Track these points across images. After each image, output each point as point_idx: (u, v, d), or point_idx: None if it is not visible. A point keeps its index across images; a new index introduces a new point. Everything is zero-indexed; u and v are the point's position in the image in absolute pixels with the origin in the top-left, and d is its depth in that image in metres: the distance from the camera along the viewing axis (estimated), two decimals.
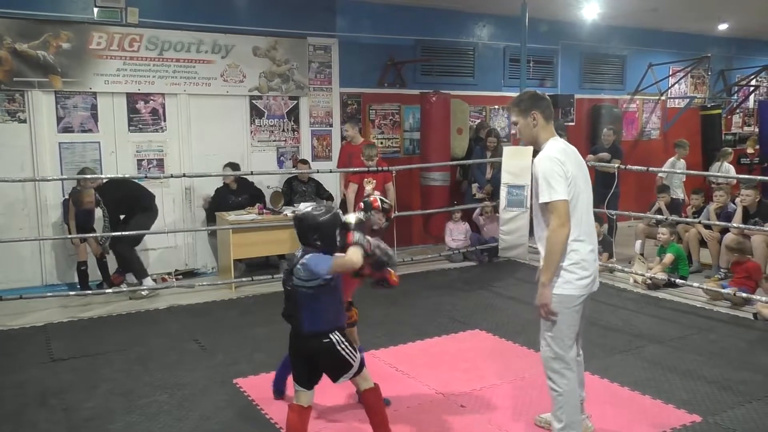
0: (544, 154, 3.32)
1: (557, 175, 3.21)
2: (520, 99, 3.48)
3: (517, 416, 3.93)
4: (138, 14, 7.18)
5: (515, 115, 3.46)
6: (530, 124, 3.41)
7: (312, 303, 3.19)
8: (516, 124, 3.49)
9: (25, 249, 6.89)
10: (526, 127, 3.43)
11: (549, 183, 3.21)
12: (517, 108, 3.44)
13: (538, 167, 3.28)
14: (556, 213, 3.20)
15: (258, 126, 8.06)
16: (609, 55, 10.98)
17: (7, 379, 4.55)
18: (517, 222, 7.87)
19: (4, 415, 4.01)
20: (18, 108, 6.83)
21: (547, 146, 3.38)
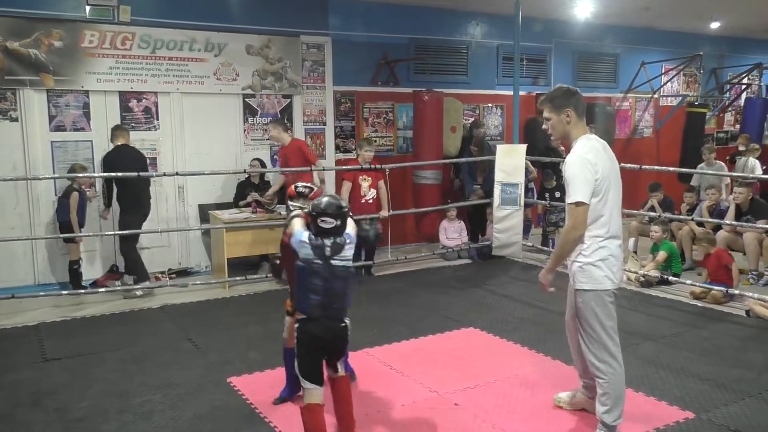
0: (576, 154, 3.36)
1: (585, 177, 3.28)
2: (554, 95, 3.48)
3: (511, 414, 3.93)
4: (130, 12, 7.14)
5: (548, 111, 3.48)
6: (563, 120, 3.44)
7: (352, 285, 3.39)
8: (549, 120, 3.49)
9: (18, 248, 6.85)
10: (559, 123, 3.46)
11: (575, 183, 3.29)
12: (551, 104, 3.46)
13: (569, 168, 3.34)
14: (574, 215, 3.30)
15: (251, 124, 8.04)
16: (602, 54, 11.00)
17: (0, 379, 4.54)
18: (511, 220, 7.89)
19: None
20: (9, 107, 6.79)
21: (579, 144, 3.41)
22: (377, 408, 4.02)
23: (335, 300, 3.30)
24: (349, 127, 8.76)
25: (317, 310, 3.28)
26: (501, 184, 7.86)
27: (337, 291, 3.30)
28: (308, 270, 3.26)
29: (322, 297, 3.26)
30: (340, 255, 3.28)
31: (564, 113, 3.43)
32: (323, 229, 3.28)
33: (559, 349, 4.93)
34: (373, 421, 3.87)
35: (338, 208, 3.30)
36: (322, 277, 3.25)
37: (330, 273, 3.26)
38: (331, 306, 3.30)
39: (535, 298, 6.44)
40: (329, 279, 3.26)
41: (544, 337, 5.29)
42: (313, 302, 3.27)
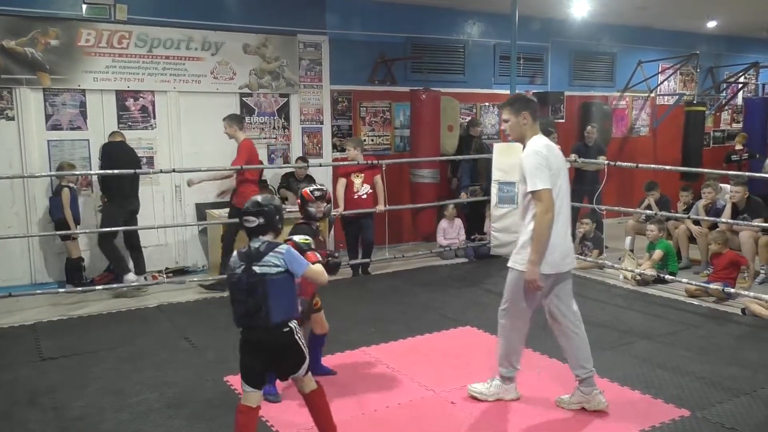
0: (531, 149, 3.75)
1: (542, 167, 3.66)
2: (514, 100, 3.92)
3: (507, 412, 3.95)
4: (127, 11, 7.14)
5: (507, 113, 3.86)
6: (521, 122, 3.83)
7: (278, 290, 3.12)
8: (507, 121, 3.87)
9: (14, 247, 6.86)
10: (517, 125, 3.84)
11: (535, 174, 3.65)
12: (510, 107, 3.85)
13: (525, 160, 3.71)
14: (541, 200, 3.63)
15: (248, 123, 8.03)
16: (599, 53, 11.02)
17: None
18: (509, 219, 7.88)
19: None
20: (6, 105, 6.79)
21: (532, 141, 3.81)
22: (374, 407, 4.03)
23: (260, 308, 3.11)
24: (346, 126, 8.77)
25: (243, 320, 3.19)
26: (498, 183, 7.86)
27: (258, 298, 3.10)
28: (229, 279, 3.20)
29: (244, 306, 3.14)
30: (262, 261, 3.11)
31: (522, 116, 3.81)
32: (247, 228, 3.19)
33: (554, 348, 4.92)
34: (370, 420, 3.88)
35: (257, 204, 3.20)
36: (240, 286, 3.14)
37: (249, 280, 3.11)
38: (257, 315, 3.12)
39: None
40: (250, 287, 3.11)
41: (541, 335, 5.26)
42: (238, 312, 3.18)
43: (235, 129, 6.86)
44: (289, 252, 3.18)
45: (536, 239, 3.66)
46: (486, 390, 4.09)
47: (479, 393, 4.09)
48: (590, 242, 7.83)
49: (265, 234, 3.20)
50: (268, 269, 3.11)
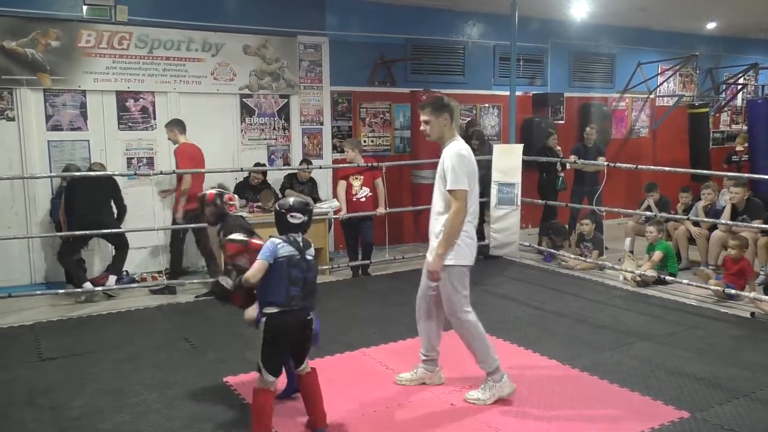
0: (454, 150, 3.95)
1: (464, 168, 3.90)
2: (435, 102, 4.09)
3: (506, 413, 3.94)
4: (127, 12, 7.15)
5: (428, 114, 4.03)
6: (441, 123, 4.02)
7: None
8: (427, 122, 4.04)
9: (14, 247, 6.86)
10: (437, 125, 4.03)
11: (456, 174, 3.88)
12: (431, 108, 4.03)
13: (449, 160, 3.92)
14: (458, 199, 3.88)
15: (249, 124, 8.05)
16: (598, 54, 11.03)
17: None
18: (508, 220, 7.90)
19: None
20: (6, 106, 6.79)
21: (455, 143, 4.02)
22: (373, 408, 4.02)
23: (314, 291, 3.55)
24: (346, 127, 8.78)
25: (294, 301, 3.44)
26: (498, 184, 7.88)
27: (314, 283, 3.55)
28: (288, 264, 3.44)
29: (300, 288, 3.46)
30: (308, 252, 3.53)
31: (442, 117, 4.01)
32: (293, 224, 3.51)
33: (554, 349, 4.95)
34: (370, 420, 3.88)
35: (305, 205, 3.59)
36: (301, 269, 3.47)
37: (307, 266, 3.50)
38: (312, 297, 3.53)
39: (531, 297, 6.46)
40: (307, 271, 3.49)
41: (540, 336, 5.30)
42: (293, 293, 3.44)
43: (176, 133, 6.84)
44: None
45: (448, 234, 3.91)
46: (482, 395, 4.10)
47: (476, 399, 4.10)
48: (590, 243, 7.83)
49: (304, 232, 3.56)
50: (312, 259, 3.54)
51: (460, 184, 3.89)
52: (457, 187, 3.89)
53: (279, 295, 3.43)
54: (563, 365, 4.66)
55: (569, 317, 5.82)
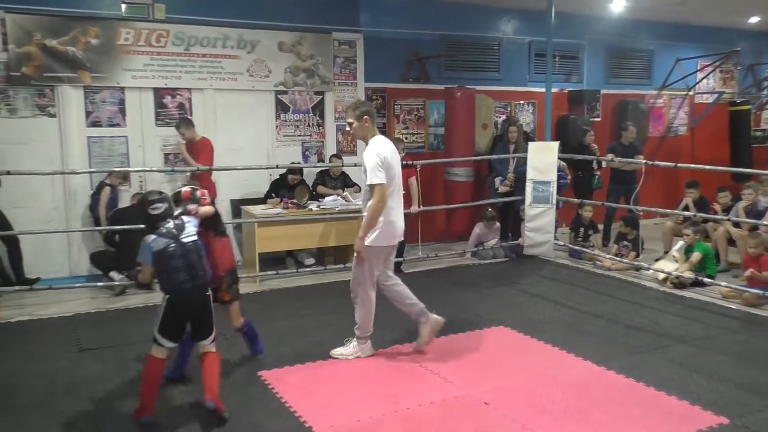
0: (371, 149, 4.50)
1: (380, 165, 4.44)
2: (356, 106, 4.66)
3: (541, 413, 3.90)
4: (165, 10, 7.25)
5: (352, 118, 4.59)
6: (363, 125, 4.57)
7: (202, 253, 3.96)
8: (351, 125, 4.60)
9: (54, 241, 7.00)
10: (360, 127, 4.58)
11: (375, 171, 4.43)
12: (353, 113, 4.58)
13: (367, 160, 4.48)
14: (378, 192, 4.43)
15: (283, 121, 8.11)
16: (636, 50, 10.83)
17: (36, 368, 4.65)
18: (543, 219, 7.83)
19: (34, 403, 4.10)
20: (48, 103, 6.94)
21: (373, 141, 4.55)
22: (406, 405, 4.02)
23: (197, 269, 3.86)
24: (380, 123, 8.77)
25: (185, 284, 3.80)
26: (533, 182, 7.81)
27: (199, 256, 3.90)
28: (165, 256, 3.78)
29: (186, 272, 3.80)
30: (185, 232, 3.88)
31: (363, 120, 4.55)
32: (157, 215, 3.83)
33: (588, 350, 4.89)
34: (402, 418, 3.88)
35: (159, 193, 3.96)
36: (180, 255, 3.80)
37: (184, 250, 3.82)
38: (197, 276, 3.86)
39: (566, 297, 6.39)
40: (186, 255, 3.82)
41: (575, 337, 5.24)
42: (180, 279, 3.79)
43: (193, 130, 7.06)
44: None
45: (368, 221, 4.49)
46: (345, 351, 4.79)
47: (340, 354, 4.78)
48: (629, 243, 7.68)
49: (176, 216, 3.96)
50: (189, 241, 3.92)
51: (376, 179, 4.44)
52: (375, 182, 4.44)
53: (169, 286, 3.82)
54: (598, 366, 4.60)
55: (604, 318, 5.74)
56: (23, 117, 6.85)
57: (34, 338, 5.34)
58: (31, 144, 6.88)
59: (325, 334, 5.28)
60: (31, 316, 5.90)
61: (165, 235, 3.80)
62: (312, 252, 7.85)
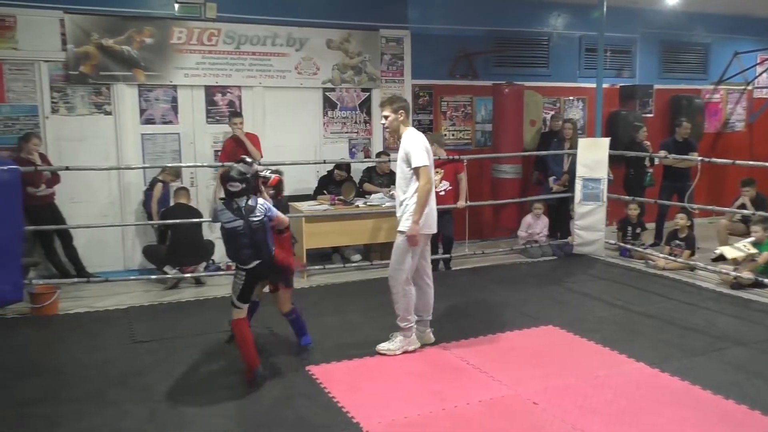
0: (412, 136, 4.66)
1: (423, 148, 4.60)
2: (393, 100, 4.76)
3: (592, 414, 3.83)
4: (216, 9, 7.37)
5: (388, 111, 4.68)
6: (398, 118, 4.68)
7: (268, 234, 4.25)
8: (387, 117, 4.69)
9: (109, 235, 7.20)
10: (395, 120, 4.68)
11: (419, 154, 4.57)
12: (390, 106, 4.69)
13: (409, 144, 4.60)
14: (423, 174, 4.57)
15: (331, 118, 8.15)
16: (691, 44, 10.52)
17: (91, 358, 4.78)
18: (593, 216, 7.68)
19: (89, 392, 4.21)
20: (104, 101, 7.14)
21: (410, 131, 4.71)
22: (454, 403, 4.00)
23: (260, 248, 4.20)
24: (427, 120, 8.74)
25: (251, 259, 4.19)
26: (582, 179, 7.66)
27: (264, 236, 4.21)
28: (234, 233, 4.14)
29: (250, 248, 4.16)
30: (254, 214, 4.15)
31: (399, 113, 4.67)
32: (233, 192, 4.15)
33: (641, 351, 4.77)
34: (450, 416, 3.85)
35: (242, 173, 4.17)
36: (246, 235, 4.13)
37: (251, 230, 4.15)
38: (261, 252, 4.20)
39: (617, 297, 6.26)
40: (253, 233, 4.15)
41: (626, 337, 5.12)
42: (245, 255, 4.18)
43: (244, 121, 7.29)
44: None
45: (420, 203, 4.56)
46: (391, 345, 4.79)
47: (387, 350, 4.78)
48: (683, 242, 7.46)
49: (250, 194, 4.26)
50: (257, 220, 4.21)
51: (421, 161, 4.56)
52: (420, 164, 4.55)
53: (238, 260, 4.21)
54: (651, 368, 4.48)
55: (657, 318, 5.60)
56: (81, 115, 7.07)
57: (90, 329, 5.50)
58: (87, 141, 7.09)
59: (371, 330, 5.29)
60: (88, 308, 6.08)
61: (234, 211, 4.12)
62: (358, 248, 7.88)
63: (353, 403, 3.99)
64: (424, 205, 4.59)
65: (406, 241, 4.62)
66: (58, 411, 3.95)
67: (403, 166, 4.67)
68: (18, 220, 5.47)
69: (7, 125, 6.79)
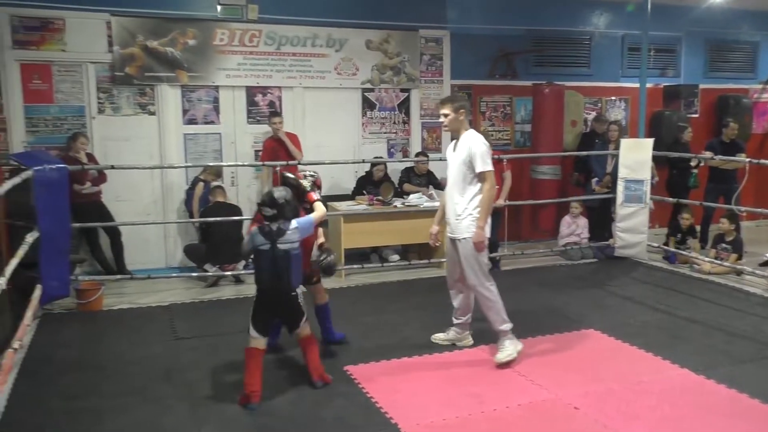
0: (477, 138, 4.58)
1: (488, 152, 4.55)
2: (454, 99, 4.72)
3: (635, 421, 3.75)
4: (258, 11, 7.45)
5: (448, 109, 4.59)
6: (458, 117, 4.59)
7: (297, 263, 4.12)
8: (447, 116, 4.59)
9: (151, 233, 7.34)
10: (455, 119, 4.59)
11: (485, 158, 4.50)
12: (451, 104, 4.60)
13: (476, 147, 4.50)
14: (490, 179, 4.51)
15: (369, 118, 8.18)
16: (738, 42, 10.24)
17: (135, 354, 4.88)
18: (636, 218, 7.53)
19: (133, 387, 4.29)
20: (148, 101, 7.28)
21: (472, 132, 4.64)
22: (493, 406, 3.96)
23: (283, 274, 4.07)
24: None
25: (272, 281, 4.09)
26: (625, 181, 7.52)
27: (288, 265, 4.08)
28: (260, 255, 4.08)
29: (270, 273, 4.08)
30: (283, 239, 4.05)
31: (459, 112, 4.58)
32: (267, 216, 4.11)
33: (686, 357, 4.66)
34: (489, 419, 3.82)
35: (272, 198, 4.12)
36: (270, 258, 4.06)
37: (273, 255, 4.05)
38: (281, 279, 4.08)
39: (660, 301, 6.13)
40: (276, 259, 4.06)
41: (670, 343, 5.01)
42: (265, 278, 4.11)
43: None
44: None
45: (485, 208, 4.52)
46: (507, 352, 4.63)
47: (508, 356, 4.61)
48: (729, 246, 7.27)
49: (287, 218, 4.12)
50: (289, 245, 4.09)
51: (487, 165, 4.49)
52: (486, 169, 4.49)
53: (257, 280, 4.16)
54: (697, 375, 4.38)
55: (703, 324, 5.46)
56: (125, 115, 7.22)
57: (133, 325, 5.61)
58: (131, 141, 7.24)
59: (410, 331, 5.28)
60: (131, 305, 6.20)
61: (266, 234, 4.07)
62: (396, 249, 7.88)
63: (391, 404, 3.98)
64: (489, 210, 4.56)
65: (474, 247, 4.54)
66: (102, 405, 4.03)
67: (464, 169, 4.57)
68: (65, 217, 5.60)
69: (55, 125, 6.98)
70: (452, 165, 4.68)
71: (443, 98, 4.77)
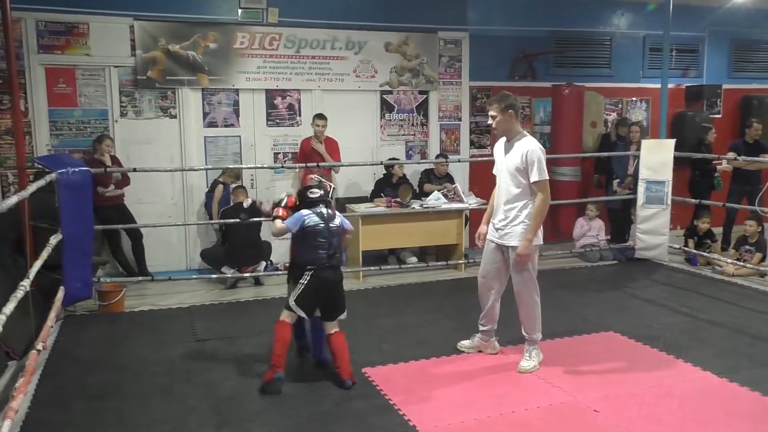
0: (534, 145, 4.34)
1: (544, 161, 4.31)
2: (501, 99, 4.40)
3: (656, 424, 3.72)
4: (278, 14, 7.50)
5: (496, 110, 4.36)
6: (506, 119, 4.36)
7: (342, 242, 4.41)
8: (495, 117, 4.38)
9: (172, 235, 7.41)
10: (503, 121, 4.37)
11: (542, 167, 4.28)
12: (498, 105, 4.36)
13: (532, 154, 4.27)
14: (545, 189, 4.31)
15: (388, 120, 8.19)
16: (763, 41, 10.10)
17: (157, 356, 4.92)
18: (657, 220, 7.46)
19: (155, 388, 4.34)
20: (169, 104, 7.36)
21: (527, 138, 4.41)
22: (512, 409, 3.95)
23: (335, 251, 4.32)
24: (485, 122, 8.66)
25: (324, 260, 4.25)
26: (646, 182, 7.45)
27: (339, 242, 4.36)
28: (314, 232, 4.25)
29: (326, 250, 4.27)
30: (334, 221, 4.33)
31: (508, 114, 4.34)
32: (313, 199, 4.34)
33: (708, 360, 4.61)
34: (508, 422, 3.81)
35: (320, 182, 4.44)
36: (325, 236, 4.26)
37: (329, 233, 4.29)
38: (334, 257, 4.32)
39: (682, 303, 6.06)
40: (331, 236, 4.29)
41: (692, 345, 4.96)
42: (320, 255, 4.25)
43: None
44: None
45: (538, 220, 4.34)
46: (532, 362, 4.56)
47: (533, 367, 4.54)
48: (751, 247, 7.18)
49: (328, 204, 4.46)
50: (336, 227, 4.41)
51: (544, 174, 4.29)
52: (542, 178, 4.28)
53: (311, 259, 4.24)
54: (719, 378, 4.33)
55: (725, 327, 5.39)
56: (147, 118, 7.30)
57: (154, 327, 5.66)
58: (153, 143, 7.32)
59: (428, 333, 5.28)
60: (152, 306, 6.27)
61: (319, 215, 4.29)
62: (414, 251, 7.88)
63: (410, 406, 3.98)
64: (541, 222, 4.37)
65: (517, 259, 4.41)
66: (125, 405, 4.08)
67: (517, 175, 4.35)
68: (88, 219, 5.68)
69: (79, 128, 7.08)
70: (503, 169, 4.49)
71: (489, 99, 4.63)
